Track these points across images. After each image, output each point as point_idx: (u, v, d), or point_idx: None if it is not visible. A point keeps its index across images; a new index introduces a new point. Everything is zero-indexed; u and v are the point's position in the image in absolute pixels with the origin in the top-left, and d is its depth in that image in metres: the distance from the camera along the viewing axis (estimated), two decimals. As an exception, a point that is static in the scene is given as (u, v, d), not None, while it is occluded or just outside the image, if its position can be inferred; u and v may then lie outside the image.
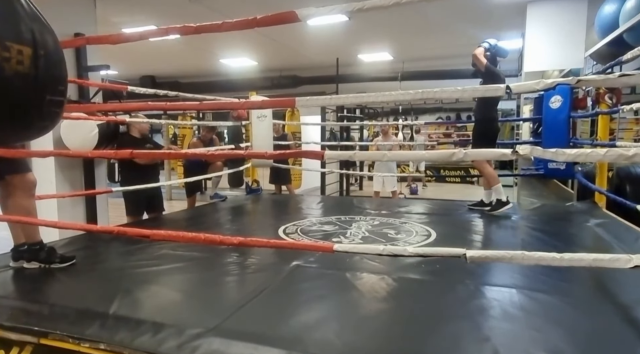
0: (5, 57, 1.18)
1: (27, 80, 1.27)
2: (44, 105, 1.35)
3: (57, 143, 3.49)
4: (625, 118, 7.99)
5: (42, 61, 1.28)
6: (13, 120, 1.33)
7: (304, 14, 1.74)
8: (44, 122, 1.43)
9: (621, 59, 2.52)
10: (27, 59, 1.24)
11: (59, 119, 1.48)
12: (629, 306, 1.78)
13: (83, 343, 1.53)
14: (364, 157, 6.02)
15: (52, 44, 1.34)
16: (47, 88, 1.34)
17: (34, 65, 1.26)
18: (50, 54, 1.32)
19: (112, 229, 2.06)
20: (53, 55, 1.34)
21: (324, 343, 1.45)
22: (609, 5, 4.11)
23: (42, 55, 1.28)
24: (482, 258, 1.36)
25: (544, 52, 5.19)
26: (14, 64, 1.21)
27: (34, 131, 1.45)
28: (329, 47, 7.25)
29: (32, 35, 1.25)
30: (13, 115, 1.32)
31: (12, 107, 1.29)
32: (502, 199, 3.65)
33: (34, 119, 1.38)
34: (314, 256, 2.40)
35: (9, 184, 2.21)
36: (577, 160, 1.57)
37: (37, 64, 1.27)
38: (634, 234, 2.95)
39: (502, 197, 3.66)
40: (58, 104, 1.42)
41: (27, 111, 1.34)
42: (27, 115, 1.35)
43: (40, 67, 1.28)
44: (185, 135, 9.43)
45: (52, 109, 1.40)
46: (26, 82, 1.27)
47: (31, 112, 1.34)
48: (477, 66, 3.71)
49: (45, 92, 1.34)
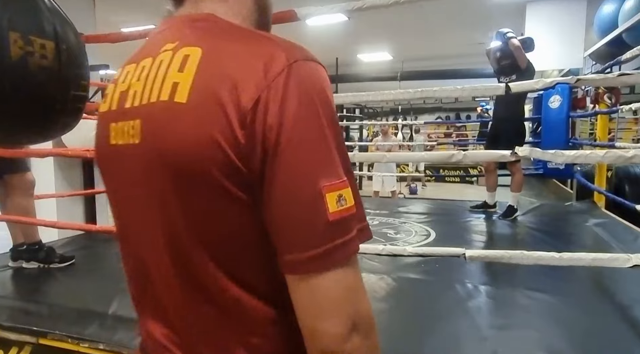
0: (29, 52, 1.16)
1: (51, 74, 1.23)
2: (69, 100, 1.30)
3: (56, 143, 3.48)
4: (624, 118, 7.99)
5: (64, 55, 1.25)
6: (39, 116, 1.29)
7: (303, 13, 1.74)
8: (68, 118, 1.38)
9: (620, 58, 2.52)
10: (50, 54, 1.21)
11: (81, 115, 1.44)
12: (628, 306, 1.78)
13: (82, 343, 1.53)
14: (364, 159, 6.02)
15: (73, 39, 1.31)
16: (70, 83, 1.30)
17: (57, 60, 1.23)
18: (72, 48, 1.29)
19: (112, 229, 2.06)
20: (75, 50, 1.31)
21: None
22: (608, 5, 4.12)
23: (65, 49, 1.25)
24: (482, 258, 1.36)
25: (543, 52, 5.18)
26: (38, 58, 1.18)
27: (58, 127, 1.40)
28: (328, 46, 7.25)
29: (54, 29, 1.23)
30: (38, 110, 1.27)
31: (37, 102, 1.25)
32: (515, 206, 3.60)
33: (59, 115, 1.33)
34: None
35: (8, 183, 2.21)
36: (576, 161, 1.58)
37: (60, 59, 1.24)
38: (633, 233, 2.95)
39: (516, 205, 3.61)
40: (81, 100, 1.37)
41: (53, 107, 1.29)
42: (53, 111, 1.30)
43: (63, 62, 1.25)
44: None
45: (76, 105, 1.36)
46: (50, 76, 1.23)
47: (56, 107, 1.30)
48: (516, 61, 3.37)
49: (69, 87, 1.30)
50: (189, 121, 0.44)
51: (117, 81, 0.55)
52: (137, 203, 0.52)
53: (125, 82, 0.53)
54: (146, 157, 0.48)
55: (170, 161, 0.45)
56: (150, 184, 0.48)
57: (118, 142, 0.52)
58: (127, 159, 0.51)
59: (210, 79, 0.44)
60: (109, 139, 0.53)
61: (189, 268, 0.48)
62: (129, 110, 0.51)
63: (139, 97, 0.50)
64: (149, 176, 0.48)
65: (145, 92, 0.49)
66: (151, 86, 0.49)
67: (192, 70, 0.45)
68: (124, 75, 0.54)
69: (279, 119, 0.42)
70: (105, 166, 0.57)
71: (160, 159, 0.46)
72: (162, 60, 0.49)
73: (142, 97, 0.49)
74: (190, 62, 0.46)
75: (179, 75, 0.46)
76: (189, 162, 0.44)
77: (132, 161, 0.50)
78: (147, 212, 0.50)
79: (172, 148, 0.45)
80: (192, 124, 0.44)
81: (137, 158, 0.49)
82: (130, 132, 0.50)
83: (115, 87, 0.55)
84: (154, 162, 0.47)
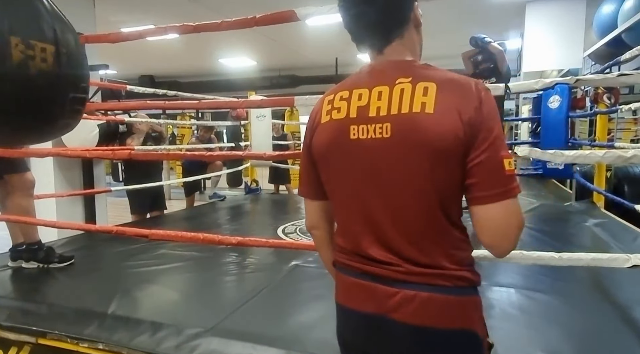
0: (30, 56, 1.18)
1: (51, 78, 1.27)
2: (67, 103, 1.35)
3: (56, 143, 3.48)
4: (623, 118, 7.99)
5: (64, 59, 1.28)
6: (37, 118, 1.33)
7: (303, 13, 1.74)
8: (67, 120, 1.42)
9: (619, 59, 2.52)
10: (50, 57, 1.24)
11: (81, 116, 1.48)
12: (627, 306, 1.78)
13: (81, 342, 1.54)
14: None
15: (73, 42, 1.34)
16: (69, 86, 1.34)
17: (57, 63, 1.26)
18: (72, 51, 1.32)
19: (111, 229, 2.06)
20: (75, 53, 1.34)
21: (322, 342, 1.45)
22: (608, 5, 4.12)
23: (65, 53, 1.28)
24: (481, 258, 1.36)
25: (542, 52, 5.19)
26: (38, 62, 1.21)
27: (57, 129, 1.44)
28: (328, 46, 7.25)
29: (54, 33, 1.25)
30: (38, 114, 1.31)
31: (36, 105, 1.29)
32: None
33: (58, 117, 1.38)
34: (313, 255, 2.40)
35: (8, 183, 2.21)
36: (575, 161, 1.58)
37: (59, 62, 1.27)
38: (632, 233, 2.96)
39: None
40: (80, 102, 1.41)
41: (51, 109, 1.34)
42: (51, 113, 1.35)
43: (63, 65, 1.28)
44: (184, 135, 9.43)
45: (75, 107, 1.40)
46: (50, 80, 1.27)
47: (55, 110, 1.34)
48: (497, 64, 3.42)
49: (68, 90, 1.34)
50: (437, 123, 0.76)
51: (333, 101, 0.87)
52: (379, 172, 0.82)
53: (361, 100, 0.83)
54: (397, 145, 0.79)
55: (426, 146, 0.77)
56: (406, 161, 0.79)
57: (360, 137, 0.82)
58: (372, 146, 0.81)
59: (446, 100, 0.77)
60: (349, 135, 0.83)
61: (426, 210, 0.80)
62: (374, 118, 0.81)
63: (385, 109, 0.80)
64: (404, 156, 0.79)
65: (392, 107, 0.80)
66: (398, 103, 0.79)
67: (433, 95, 0.78)
68: (340, 97, 0.86)
69: (481, 119, 0.77)
70: (340, 152, 0.85)
71: (414, 146, 0.78)
72: (402, 88, 0.80)
73: (389, 109, 0.80)
74: (430, 90, 0.78)
75: (424, 98, 0.78)
76: (439, 146, 0.76)
77: (381, 147, 0.80)
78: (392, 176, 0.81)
79: (425, 139, 0.77)
80: (439, 124, 0.76)
81: (388, 146, 0.80)
82: (377, 131, 0.80)
83: (347, 103, 0.85)
84: (408, 148, 0.78)
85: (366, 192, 0.84)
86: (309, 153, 0.93)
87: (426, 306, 0.81)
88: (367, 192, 0.84)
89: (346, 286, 0.90)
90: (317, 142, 0.89)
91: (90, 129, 3.49)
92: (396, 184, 0.81)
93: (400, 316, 0.81)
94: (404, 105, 0.79)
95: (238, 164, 5.50)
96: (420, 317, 0.81)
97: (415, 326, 0.81)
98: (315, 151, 0.90)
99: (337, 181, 0.89)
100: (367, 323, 0.86)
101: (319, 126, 0.89)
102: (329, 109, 0.87)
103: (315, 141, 0.90)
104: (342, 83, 0.91)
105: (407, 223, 0.82)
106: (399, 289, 0.82)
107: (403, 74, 0.82)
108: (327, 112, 0.88)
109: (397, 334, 0.82)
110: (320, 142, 0.89)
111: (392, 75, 0.83)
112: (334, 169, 0.88)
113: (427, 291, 0.81)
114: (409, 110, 0.78)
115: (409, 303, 0.81)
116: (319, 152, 0.89)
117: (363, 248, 0.86)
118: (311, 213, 1.00)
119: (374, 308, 0.84)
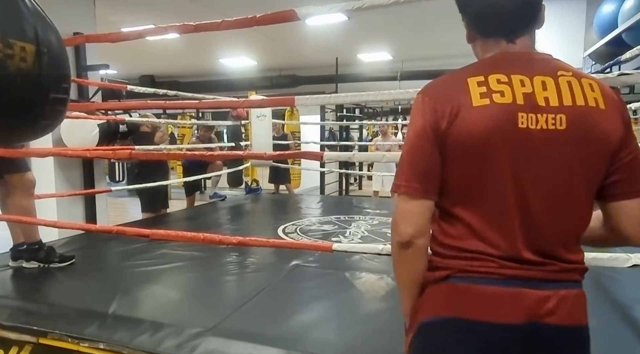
0: (8, 54, 1.17)
1: (30, 78, 1.25)
2: (48, 103, 1.33)
3: (57, 143, 3.49)
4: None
5: (45, 59, 1.27)
6: (16, 118, 1.32)
7: (303, 12, 1.74)
8: (48, 120, 1.41)
9: (620, 58, 2.52)
10: (30, 57, 1.23)
11: (62, 117, 1.47)
12: (628, 305, 1.78)
13: (82, 342, 1.54)
14: (363, 158, 6.03)
15: (55, 42, 1.32)
16: (50, 86, 1.32)
17: (37, 63, 1.25)
18: (53, 51, 1.31)
19: (112, 229, 2.06)
20: (56, 53, 1.33)
21: (323, 342, 1.45)
22: (608, 5, 4.12)
23: (45, 52, 1.27)
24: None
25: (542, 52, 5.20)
26: (17, 61, 1.19)
27: (37, 129, 1.43)
28: (328, 46, 7.24)
29: (35, 33, 1.24)
30: (16, 113, 1.30)
31: (15, 105, 1.27)
32: None
33: (38, 117, 1.36)
34: (313, 255, 2.40)
35: (8, 183, 2.21)
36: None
37: (40, 62, 1.25)
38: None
39: None
40: (62, 102, 1.40)
41: (31, 109, 1.32)
42: (31, 113, 1.33)
43: (44, 65, 1.27)
44: (184, 135, 9.42)
45: (56, 107, 1.38)
46: (29, 79, 1.25)
47: (34, 110, 1.33)
48: None
49: (48, 90, 1.32)
50: (608, 120, 0.77)
51: (487, 83, 0.78)
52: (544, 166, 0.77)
53: (525, 86, 0.77)
54: (573, 137, 0.76)
55: (599, 142, 0.77)
56: (577, 155, 0.77)
57: (529, 126, 0.76)
58: (542, 138, 0.76)
59: (609, 99, 0.79)
60: (517, 123, 0.76)
61: (585, 207, 0.81)
62: (544, 107, 0.76)
63: (556, 100, 0.76)
64: (578, 150, 0.76)
65: (564, 98, 0.77)
66: (570, 95, 0.77)
67: (599, 92, 0.78)
68: (497, 80, 0.78)
69: (629, 120, 0.80)
70: (504, 142, 0.76)
71: (589, 140, 0.76)
72: (569, 81, 0.78)
73: (560, 100, 0.76)
74: (595, 87, 0.79)
75: (593, 93, 0.78)
76: (609, 143, 0.77)
77: (553, 139, 0.76)
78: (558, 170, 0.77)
79: (600, 134, 0.76)
80: (610, 122, 0.77)
81: (562, 138, 0.76)
82: (550, 122, 0.76)
83: (510, 87, 0.77)
84: (583, 143, 0.76)
85: (527, 188, 0.77)
86: (436, 142, 0.78)
87: (577, 304, 0.81)
88: (528, 187, 0.77)
89: (479, 298, 0.79)
90: (469, 128, 0.76)
91: (91, 129, 3.49)
92: (561, 178, 0.77)
93: (557, 319, 0.77)
94: (577, 97, 0.76)
95: (238, 164, 5.49)
96: (575, 316, 0.80)
97: (570, 326, 0.80)
98: (461, 140, 0.76)
99: (490, 175, 0.77)
100: (514, 336, 0.77)
101: (470, 109, 0.76)
102: (484, 91, 0.76)
103: (464, 128, 0.76)
104: (482, 65, 0.84)
105: (567, 221, 0.79)
106: (552, 290, 0.78)
107: (559, 67, 0.81)
108: (483, 95, 0.76)
109: (552, 341, 0.78)
110: (476, 129, 0.75)
111: (546, 67, 0.80)
112: (490, 160, 0.77)
113: (575, 287, 0.81)
114: (584, 103, 0.76)
115: (565, 303, 0.78)
116: (471, 141, 0.76)
117: (515, 250, 0.78)
118: (417, 216, 0.80)
119: (524, 317, 0.76)
